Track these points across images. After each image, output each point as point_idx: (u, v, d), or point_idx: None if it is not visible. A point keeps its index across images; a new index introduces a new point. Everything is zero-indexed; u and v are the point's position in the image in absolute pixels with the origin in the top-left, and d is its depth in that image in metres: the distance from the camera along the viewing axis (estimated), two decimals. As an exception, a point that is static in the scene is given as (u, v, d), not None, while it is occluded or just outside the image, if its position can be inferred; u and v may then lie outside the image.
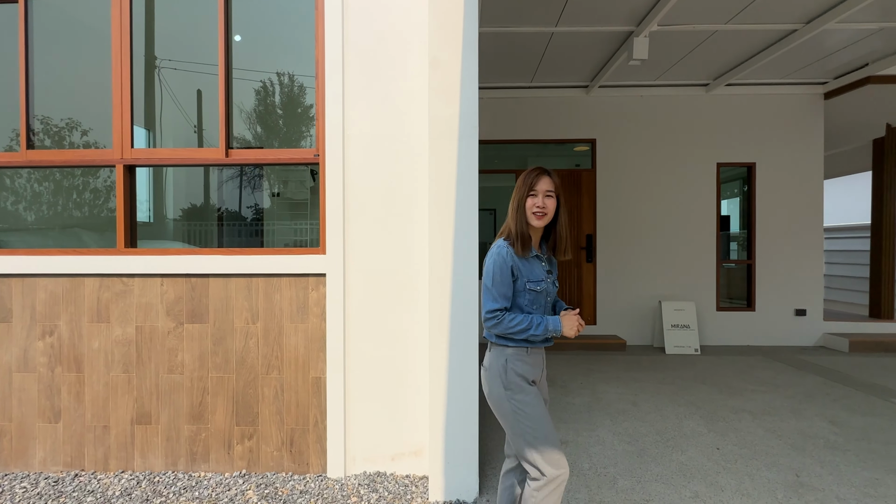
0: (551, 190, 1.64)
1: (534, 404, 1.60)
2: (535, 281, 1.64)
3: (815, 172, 5.81)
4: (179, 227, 3.66)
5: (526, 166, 6.64)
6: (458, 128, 2.31)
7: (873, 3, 3.76)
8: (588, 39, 4.44)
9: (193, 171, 3.61)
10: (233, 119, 2.73)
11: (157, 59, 3.06)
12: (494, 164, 6.59)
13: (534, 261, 1.67)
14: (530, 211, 1.62)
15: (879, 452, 2.79)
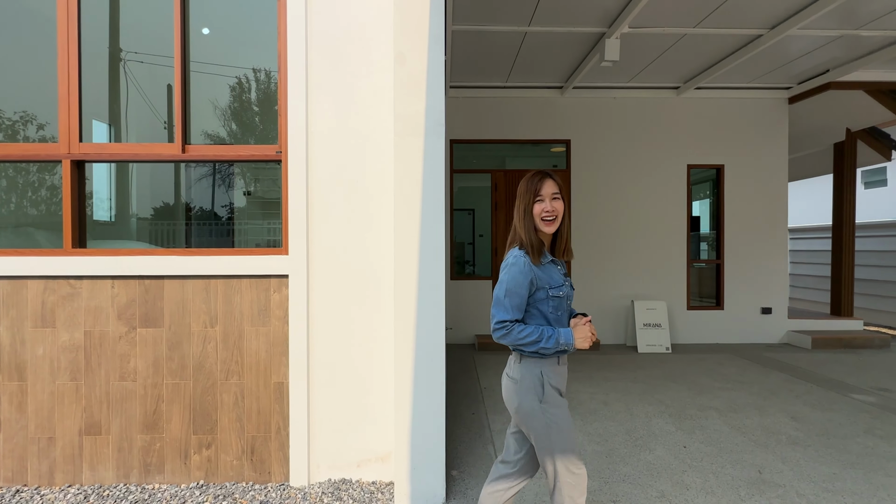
0: (557, 192, 1.59)
1: (566, 417, 1.57)
2: (557, 286, 1.58)
3: (780, 175, 5.98)
4: (144, 226, 3.49)
5: (504, 166, 6.65)
6: (424, 124, 2.26)
7: (833, 11, 3.88)
8: (561, 40, 4.45)
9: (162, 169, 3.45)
10: (190, 113, 2.61)
11: (122, 51, 2.91)
12: (473, 163, 6.57)
13: (550, 266, 1.61)
14: (539, 217, 1.57)
15: (837, 447, 2.87)
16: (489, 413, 3.48)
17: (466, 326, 5.90)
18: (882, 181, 9.26)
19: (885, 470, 2.58)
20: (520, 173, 5.91)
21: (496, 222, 5.94)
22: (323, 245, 2.50)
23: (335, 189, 2.50)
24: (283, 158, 2.50)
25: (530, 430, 1.57)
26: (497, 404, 3.67)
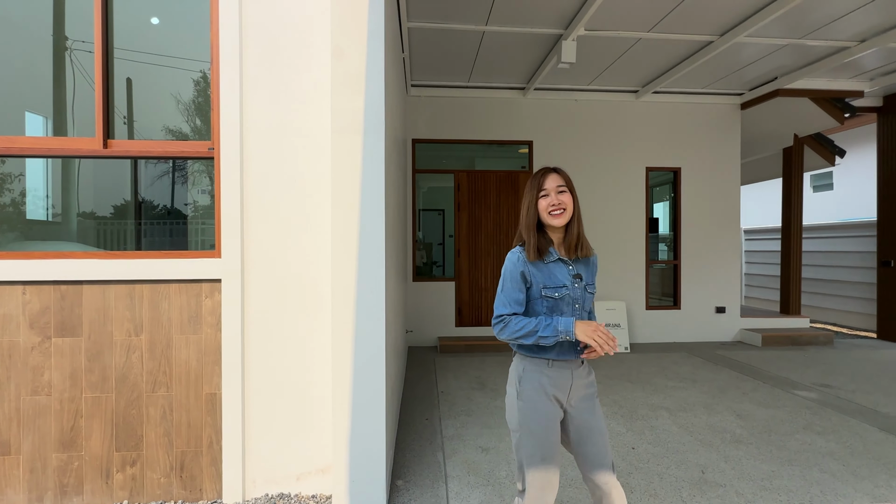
0: (562, 185, 1.54)
1: (542, 426, 1.49)
2: (554, 287, 1.51)
3: (733, 178, 6.17)
4: (89, 226, 3.24)
5: (474, 167, 6.63)
6: (363, 121, 2.17)
7: (779, 19, 4.00)
8: (520, 41, 4.43)
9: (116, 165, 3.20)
10: (113, 104, 2.42)
11: (68, 39, 2.68)
12: (443, 164, 6.51)
13: (555, 265, 1.54)
14: (546, 212, 1.53)
15: (778, 444, 2.94)
16: (443, 418, 3.41)
17: (429, 329, 5.82)
18: (829, 185, 9.74)
19: (819, 466, 2.66)
20: (482, 174, 5.88)
21: (459, 223, 5.88)
22: (259, 247, 2.37)
23: (272, 188, 2.37)
24: (215, 156, 2.36)
25: (509, 424, 1.58)
26: (452, 409, 3.61)
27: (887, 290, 6.17)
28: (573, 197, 1.55)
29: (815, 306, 7.75)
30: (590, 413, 1.56)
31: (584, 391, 1.57)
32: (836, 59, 4.74)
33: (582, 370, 1.56)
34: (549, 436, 1.51)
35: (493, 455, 2.82)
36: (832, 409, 3.58)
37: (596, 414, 1.57)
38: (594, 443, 1.53)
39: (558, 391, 1.52)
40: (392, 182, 2.96)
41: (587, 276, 1.58)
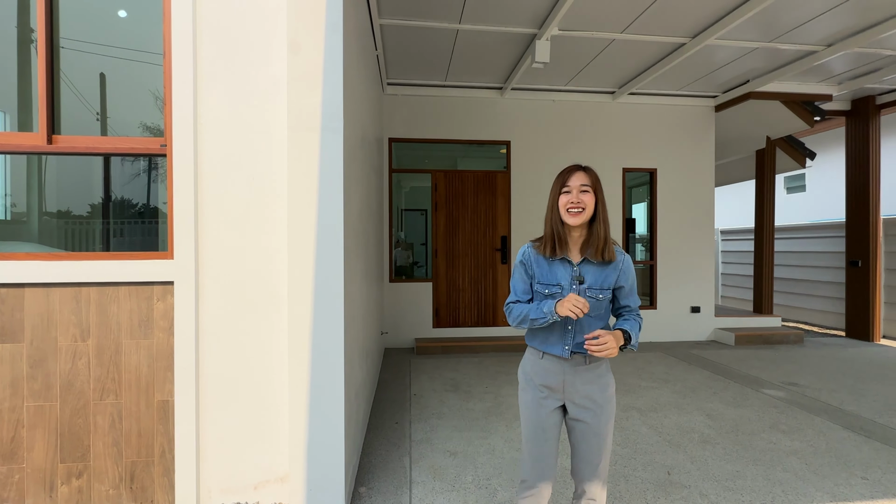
0: (587, 184, 1.52)
1: (530, 408, 1.61)
2: (547, 284, 1.57)
3: (708, 179, 6.25)
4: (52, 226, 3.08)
5: (456, 166, 6.59)
6: (320, 119, 2.10)
7: (749, 22, 4.05)
8: (494, 40, 4.40)
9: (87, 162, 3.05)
10: (59, 98, 2.31)
11: (33, 32, 2.54)
12: (425, 163, 6.46)
13: (559, 264, 1.57)
14: (564, 208, 1.53)
15: (744, 444, 2.96)
16: (413, 422, 3.36)
17: (406, 330, 5.76)
18: (802, 187, 9.96)
19: (783, 465, 2.68)
20: (460, 174, 5.84)
21: (436, 224, 5.83)
22: (215, 248, 2.28)
23: (229, 187, 2.29)
24: (168, 153, 2.26)
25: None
26: (423, 412, 3.55)
27: (855, 290, 6.32)
28: (598, 199, 1.54)
29: (788, 305, 7.91)
30: (590, 415, 1.56)
31: (587, 392, 1.56)
32: (804, 63, 4.82)
33: (580, 368, 1.57)
34: (536, 422, 1.59)
35: (460, 459, 2.77)
36: (799, 407, 3.63)
37: (600, 421, 1.56)
38: (586, 444, 1.58)
39: (550, 380, 1.58)
40: (359, 181, 2.90)
41: (596, 281, 1.55)
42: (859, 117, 6.21)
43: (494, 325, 5.90)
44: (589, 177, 1.54)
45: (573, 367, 1.57)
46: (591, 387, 1.57)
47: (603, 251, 1.54)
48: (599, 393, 1.58)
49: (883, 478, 2.54)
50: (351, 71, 2.51)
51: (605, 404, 1.58)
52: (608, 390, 1.60)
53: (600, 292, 1.55)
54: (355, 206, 2.73)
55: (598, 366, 1.60)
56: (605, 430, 1.58)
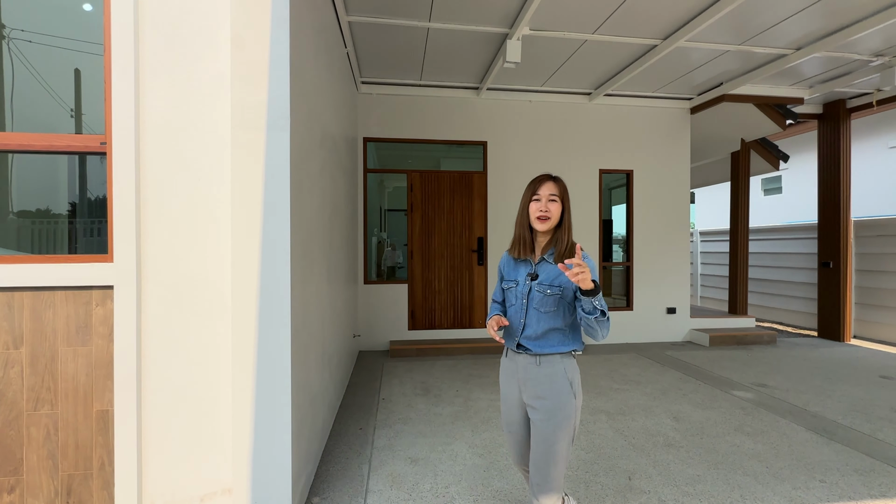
0: (555, 194, 1.68)
1: (502, 401, 1.81)
2: (507, 280, 1.77)
3: (683, 181, 6.28)
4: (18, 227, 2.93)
5: (439, 167, 6.54)
6: (265, 117, 2.02)
7: (719, 24, 4.06)
8: (466, 39, 4.35)
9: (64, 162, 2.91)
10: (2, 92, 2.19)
11: (4, 27, 2.42)
12: (409, 163, 6.40)
13: (521, 263, 1.75)
14: (534, 215, 1.68)
15: (707, 447, 2.95)
16: (378, 428, 3.29)
17: (381, 332, 5.68)
18: (778, 189, 10.11)
19: (744, 469, 2.67)
20: (436, 174, 5.78)
21: (412, 225, 5.76)
22: (158, 251, 2.18)
23: (173, 187, 2.19)
24: (107, 151, 2.16)
25: None
26: (390, 417, 3.48)
27: (826, 291, 6.41)
28: (565, 207, 1.70)
29: (764, 306, 8.00)
30: (539, 418, 1.63)
31: (535, 390, 1.65)
32: (775, 66, 4.87)
33: (530, 366, 1.67)
34: (503, 413, 1.80)
35: (421, 466, 2.71)
36: (765, 409, 3.65)
37: (546, 424, 1.61)
38: (535, 447, 1.64)
39: (510, 379, 1.76)
40: (319, 180, 2.82)
41: (547, 278, 1.67)
42: (831, 121, 6.30)
43: (471, 326, 5.85)
44: (557, 187, 1.69)
45: (525, 367, 1.69)
46: (541, 388, 1.64)
47: (564, 254, 1.65)
48: (549, 398, 1.62)
49: (840, 480, 2.54)
50: (305, 68, 2.43)
51: (555, 411, 1.61)
52: (560, 398, 1.61)
53: (549, 287, 1.65)
54: (313, 206, 2.65)
55: (551, 367, 1.65)
56: (553, 438, 1.60)
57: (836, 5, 3.76)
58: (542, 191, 1.68)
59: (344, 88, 4.27)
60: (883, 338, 6.20)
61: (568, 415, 1.61)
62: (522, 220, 1.73)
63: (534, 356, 1.66)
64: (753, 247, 8.15)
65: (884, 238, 6.14)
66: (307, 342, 2.47)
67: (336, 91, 3.70)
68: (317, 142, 2.79)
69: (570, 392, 1.62)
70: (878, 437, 3.10)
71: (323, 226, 3.01)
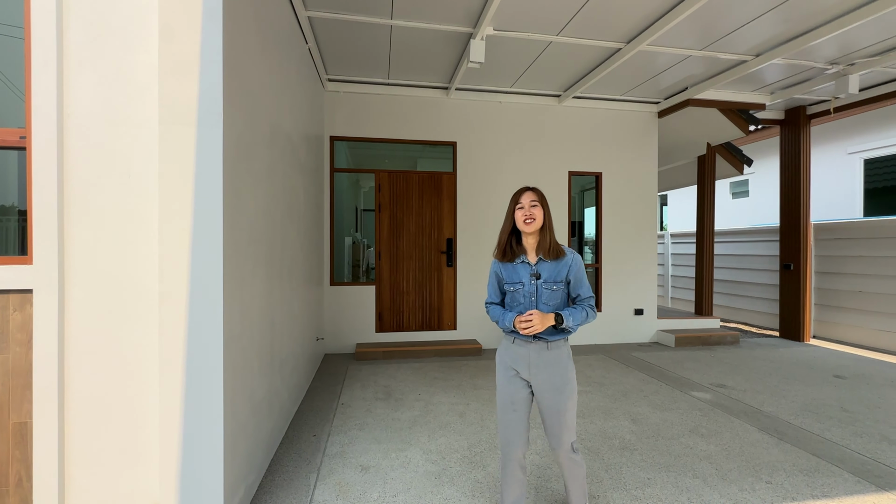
0: (535, 200, 1.96)
1: (501, 388, 2.01)
2: (511, 282, 1.97)
3: (651, 184, 6.36)
4: None
5: (416, 167, 6.52)
6: (196, 112, 1.92)
7: (682, 28, 4.10)
8: (431, 37, 4.30)
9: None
10: None
11: None
12: (385, 163, 6.34)
13: (520, 265, 1.97)
14: (521, 220, 1.94)
15: (661, 449, 2.96)
16: (333, 434, 3.20)
17: (348, 335, 5.57)
18: (745, 192, 10.36)
19: (694, 471, 2.68)
20: (405, 175, 5.71)
21: (380, 225, 5.68)
22: (83, 252, 2.06)
23: (99, 185, 2.07)
24: (27, 146, 2.02)
25: None
26: (346, 423, 3.40)
27: (787, 292, 6.58)
28: (545, 211, 1.97)
29: (730, 307, 8.18)
30: (551, 396, 1.92)
31: (549, 372, 1.92)
32: (736, 72, 4.96)
33: (542, 351, 1.92)
34: (504, 391, 1.99)
35: (371, 474, 2.64)
36: (722, 409, 3.69)
37: (558, 399, 1.91)
38: (550, 420, 1.94)
39: (517, 364, 1.96)
40: (266, 180, 2.72)
41: (550, 275, 1.93)
42: (791, 126, 6.47)
43: (439, 328, 5.80)
44: (536, 194, 1.98)
45: (537, 352, 1.93)
46: (551, 370, 1.92)
47: (550, 250, 1.93)
48: (559, 375, 1.92)
49: (786, 481, 2.57)
50: (247, 62, 2.33)
51: (564, 386, 1.92)
52: (567, 374, 1.94)
53: (554, 284, 1.93)
54: (257, 205, 2.55)
55: (560, 350, 1.94)
56: (563, 408, 1.92)
57: (791, 13, 3.84)
58: (524, 199, 1.95)
59: (305, 85, 4.16)
60: (840, 338, 6.39)
61: (574, 387, 1.95)
62: (506, 228, 2.00)
63: (545, 342, 1.93)
64: (720, 249, 8.32)
65: (842, 241, 6.33)
66: (248, 347, 2.37)
67: (293, 88, 3.60)
68: (263, 139, 2.69)
69: (573, 368, 1.98)
70: (825, 437, 3.17)
71: (271, 226, 2.92)
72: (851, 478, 2.62)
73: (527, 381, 1.96)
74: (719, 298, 8.42)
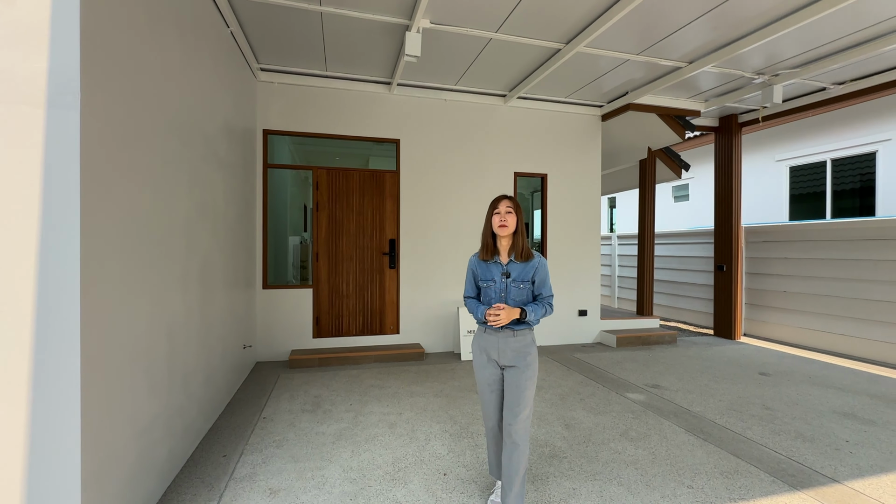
0: (510, 207, 2.21)
1: (478, 369, 2.30)
2: (484, 279, 2.26)
3: (595, 186, 6.44)
4: None
5: (368, 165, 6.28)
6: (45, 91, 1.63)
7: (618, 32, 4.11)
8: (365, 27, 4.09)
9: None
10: None
11: None
12: (336, 161, 6.07)
13: (493, 264, 2.25)
14: (496, 225, 2.20)
15: (590, 456, 2.91)
16: (246, 453, 2.93)
17: (282, 341, 5.25)
18: (686, 196, 10.83)
19: (619, 478, 2.63)
20: (345, 172, 5.46)
21: (318, 224, 5.39)
22: None
23: (-71, 175, 1.72)
24: None
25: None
26: (264, 439, 3.13)
27: (721, 292, 6.86)
28: (518, 217, 2.22)
29: (671, 306, 8.47)
30: (513, 374, 2.19)
31: (514, 355, 2.20)
32: (671, 78, 5.07)
33: (509, 338, 2.20)
34: (481, 375, 2.29)
35: (280, 499, 2.41)
36: (653, 411, 3.72)
37: (518, 378, 2.18)
38: (510, 395, 2.19)
39: (490, 350, 2.24)
40: (163, 175, 2.42)
41: (519, 275, 2.21)
42: (725, 134, 6.75)
43: (381, 333, 5.59)
44: (511, 202, 2.23)
45: (504, 339, 2.21)
46: (516, 354, 2.20)
47: (521, 253, 2.21)
48: (522, 358, 2.20)
49: (706, 485, 2.57)
50: (126, 38, 2.04)
51: (526, 367, 2.19)
52: (529, 357, 2.21)
53: (521, 283, 2.21)
54: (147, 203, 2.25)
55: (524, 338, 2.22)
56: (524, 385, 2.18)
57: (719, 21, 3.93)
58: (501, 206, 2.21)
59: (228, 73, 3.84)
60: (768, 335, 6.73)
61: (535, 370, 2.22)
62: (487, 231, 2.26)
63: (512, 331, 2.20)
64: (661, 250, 8.60)
65: (769, 243, 6.67)
66: (127, 364, 2.08)
67: (208, 74, 3.28)
68: (157, 129, 2.39)
69: (535, 354, 2.24)
70: (747, 436, 3.24)
71: (170, 226, 2.61)
72: (767, 478, 2.66)
73: (497, 364, 2.24)
74: (662, 298, 8.70)
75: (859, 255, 5.57)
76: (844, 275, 5.73)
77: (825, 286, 5.96)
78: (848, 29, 4.08)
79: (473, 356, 2.32)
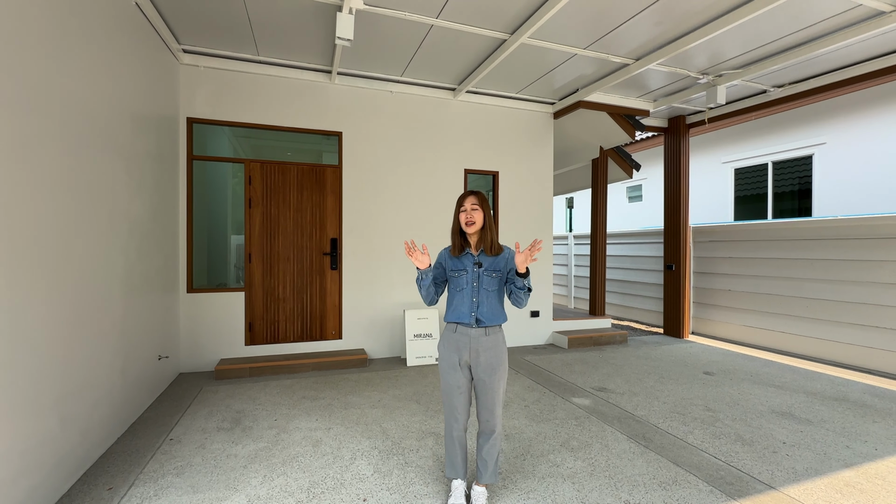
0: (476, 204, 2.22)
1: (446, 372, 2.26)
2: (456, 269, 2.26)
3: (547, 185, 6.33)
4: None
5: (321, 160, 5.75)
6: None
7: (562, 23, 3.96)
8: (292, 7, 3.75)
9: None
10: None
11: None
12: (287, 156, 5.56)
13: (465, 256, 2.26)
14: (463, 223, 2.23)
15: (527, 472, 2.71)
16: (138, 484, 2.54)
17: (211, 349, 4.81)
18: (640, 196, 11.01)
19: (555, 497, 2.44)
20: (281, 166, 5.07)
21: (250, 223, 4.97)
22: None
23: None
24: None
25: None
26: (164, 466, 2.74)
27: (670, 291, 6.92)
28: (485, 213, 2.23)
29: (624, 305, 8.53)
30: (487, 375, 2.20)
31: (485, 355, 2.19)
32: (620, 75, 5.00)
33: (481, 337, 2.20)
34: (450, 378, 2.24)
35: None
36: (598, 416, 3.59)
37: (492, 378, 2.20)
38: (485, 396, 2.22)
39: (460, 349, 2.21)
40: (43, 167, 2.02)
41: (490, 266, 2.22)
42: (673, 135, 6.81)
43: (322, 338, 5.24)
44: (477, 198, 2.23)
45: (476, 337, 2.19)
46: (489, 353, 2.19)
47: (491, 248, 2.23)
48: (495, 358, 2.21)
49: (643, 499, 2.43)
50: None
51: (498, 367, 2.21)
52: (501, 356, 2.22)
53: (494, 272, 2.23)
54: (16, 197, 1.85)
55: (496, 335, 2.23)
56: (497, 386, 2.22)
57: (662, 15, 3.85)
58: (466, 203, 2.22)
59: (134, 53, 3.40)
60: (714, 334, 6.85)
61: (506, 368, 2.24)
62: (455, 229, 2.28)
63: (484, 328, 2.20)
64: (614, 250, 8.66)
65: (715, 243, 6.79)
66: None
67: (105, 53, 2.86)
68: (11, 111, 1.98)
69: (506, 352, 2.26)
70: (688, 441, 3.14)
71: (34, 224, 2.20)
72: (705, 487, 2.55)
73: (468, 366, 2.22)
74: (615, 298, 8.76)
75: (797, 255, 5.72)
76: (784, 273, 5.88)
77: (766, 285, 6.10)
78: (787, 29, 4.11)
79: (441, 358, 2.27)
